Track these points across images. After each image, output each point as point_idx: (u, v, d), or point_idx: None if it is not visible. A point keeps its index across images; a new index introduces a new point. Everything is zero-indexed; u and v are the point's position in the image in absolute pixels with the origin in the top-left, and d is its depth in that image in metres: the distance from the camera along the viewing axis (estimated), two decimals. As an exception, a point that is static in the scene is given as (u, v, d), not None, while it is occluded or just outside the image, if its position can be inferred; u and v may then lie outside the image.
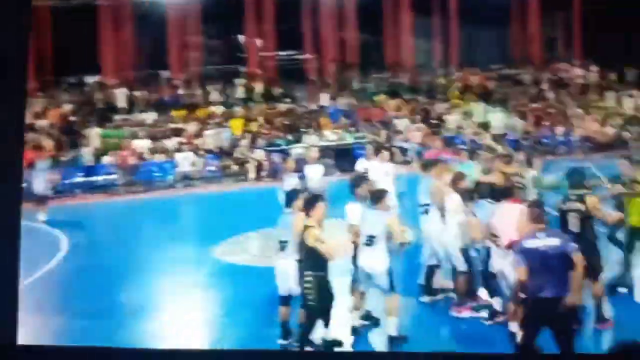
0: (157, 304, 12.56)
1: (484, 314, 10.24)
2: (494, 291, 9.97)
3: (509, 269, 8.99)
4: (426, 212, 11.17)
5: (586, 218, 9.44)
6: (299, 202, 9.85)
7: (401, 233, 9.83)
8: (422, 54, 36.99)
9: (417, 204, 11.75)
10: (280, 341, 9.92)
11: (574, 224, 9.47)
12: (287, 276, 9.88)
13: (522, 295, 8.22)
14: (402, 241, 9.88)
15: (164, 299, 12.91)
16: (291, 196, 10.63)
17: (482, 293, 10.54)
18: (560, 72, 32.50)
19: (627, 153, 14.83)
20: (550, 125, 27.35)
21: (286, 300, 9.99)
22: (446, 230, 10.54)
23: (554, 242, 7.97)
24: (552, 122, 27.46)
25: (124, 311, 11.78)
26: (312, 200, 9.50)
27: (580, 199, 9.53)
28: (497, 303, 9.83)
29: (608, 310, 9.98)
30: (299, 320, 9.73)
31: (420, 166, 12.63)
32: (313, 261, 9.14)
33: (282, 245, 9.95)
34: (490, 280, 9.98)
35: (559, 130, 27.10)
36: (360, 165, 15.22)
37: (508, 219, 9.16)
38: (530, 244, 8.03)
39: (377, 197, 9.99)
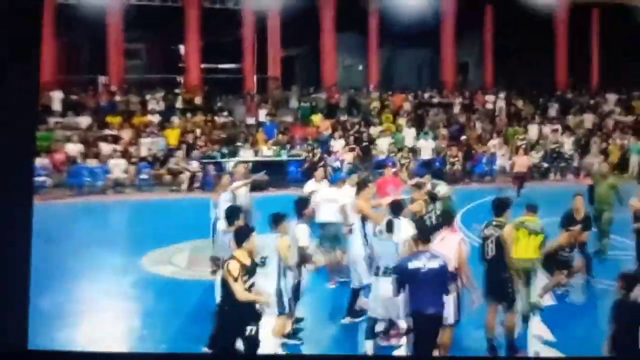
0: (79, 311, 12.37)
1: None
2: None
3: None
4: (350, 231, 11.36)
5: (501, 247, 9.56)
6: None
7: (289, 256, 9.70)
8: (352, 75, 37.72)
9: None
10: (205, 349, 9.76)
11: (488, 251, 9.69)
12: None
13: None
14: (289, 264, 9.76)
15: (87, 306, 12.70)
16: (231, 214, 10.54)
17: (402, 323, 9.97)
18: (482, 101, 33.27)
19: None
20: (475, 153, 27.96)
21: None
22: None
23: (434, 264, 8.25)
24: (477, 150, 28.11)
25: (44, 317, 11.29)
26: (245, 233, 8.88)
27: (500, 226, 9.70)
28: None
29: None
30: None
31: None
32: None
33: (216, 262, 9.98)
34: None
35: (485, 158, 27.73)
36: (309, 187, 14.66)
37: (448, 247, 9.16)
38: (413, 264, 8.29)
39: (276, 220, 9.92)
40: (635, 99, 34.25)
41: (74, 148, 25.04)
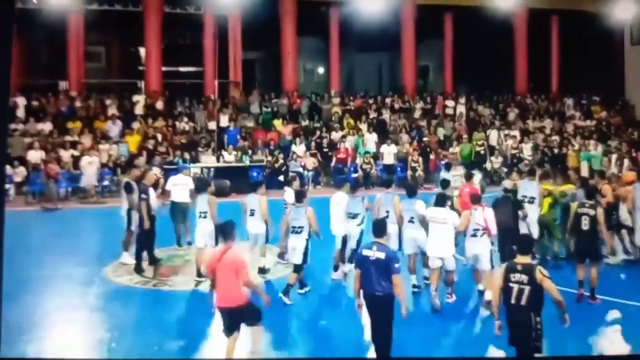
0: (42, 324, 12.10)
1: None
2: None
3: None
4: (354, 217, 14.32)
5: (595, 222, 12.80)
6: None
7: (315, 223, 13.17)
8: (313, 79, 37.83)
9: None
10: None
11: (585, 224, 12.86)
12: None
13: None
14: (315, 230, 13.21)
15: (50, 318, 12.43)
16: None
17: None
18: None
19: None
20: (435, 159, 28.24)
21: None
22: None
23: (381, 255, 9.57)
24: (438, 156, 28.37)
25: (11, 327, 11.11)
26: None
27: (593, 207, 12.97)
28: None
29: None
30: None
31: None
32: None
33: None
34: None
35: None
36: (288, 196, 15.22)
37: (490, 217, 12.69)
38: (365, 252, 9.75)
39: (299, 196, 13.51)
40: (595, 104, 34.88)
41: (35, 155, 24.78)
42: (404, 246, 13.56)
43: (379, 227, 10.02)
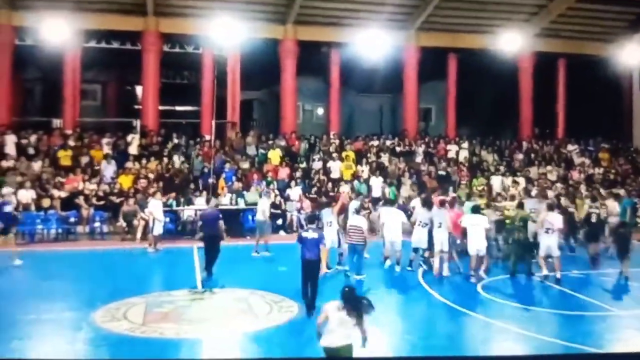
0: None
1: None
2: None
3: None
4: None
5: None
6: None
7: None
8: (312, 119, 37.42)
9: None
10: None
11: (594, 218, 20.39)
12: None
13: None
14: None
15: None
16: None
17: None
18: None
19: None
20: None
21: None
22: None
23: (315, 235, 14.46)
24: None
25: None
26: None
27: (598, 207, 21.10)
28: None
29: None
30: None
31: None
32: None
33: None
34: None
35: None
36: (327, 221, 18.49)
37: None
38: (304, 234, 14.59)
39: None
40: (603, 150, 34.30)
41: (26, 194, 24.07)
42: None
43: (312, 219, 15.60)
